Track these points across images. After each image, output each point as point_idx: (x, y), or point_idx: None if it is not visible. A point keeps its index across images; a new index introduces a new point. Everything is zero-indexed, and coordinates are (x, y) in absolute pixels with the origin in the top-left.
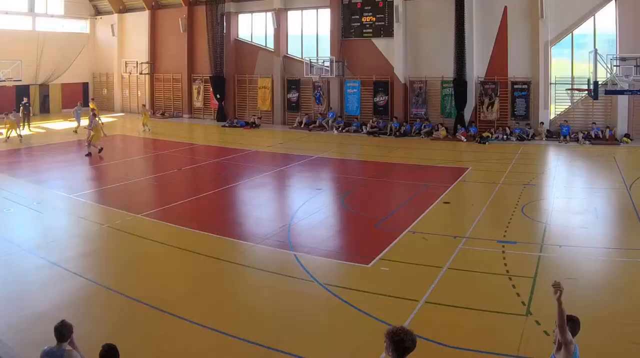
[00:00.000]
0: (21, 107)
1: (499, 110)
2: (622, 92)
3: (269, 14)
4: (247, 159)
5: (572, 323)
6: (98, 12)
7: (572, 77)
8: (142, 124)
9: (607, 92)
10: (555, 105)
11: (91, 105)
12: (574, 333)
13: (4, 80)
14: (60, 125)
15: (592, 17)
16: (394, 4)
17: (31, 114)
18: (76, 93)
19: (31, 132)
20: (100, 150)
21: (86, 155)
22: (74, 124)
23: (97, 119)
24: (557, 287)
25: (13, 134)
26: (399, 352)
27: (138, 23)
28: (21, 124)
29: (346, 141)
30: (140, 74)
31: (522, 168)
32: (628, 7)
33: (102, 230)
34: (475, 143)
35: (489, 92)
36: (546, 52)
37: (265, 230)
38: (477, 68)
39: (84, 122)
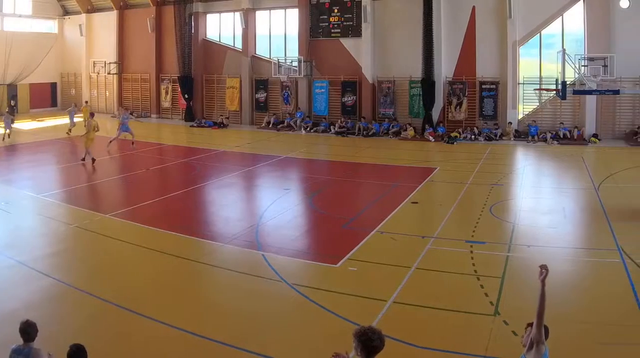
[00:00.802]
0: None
1: (467, 110)
2: (590, 92)
3: (237, 14)
4: (215, 159)
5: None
6: (66, 12)
7: (540, 77)
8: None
9: (575, 92)
10: (524, 105)
11: (84, 110)
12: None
13: None
14: (29, 125)
15: (560, 17)
16: (362, 4)
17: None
18: (44, 93)
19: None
20: (93, 161)
21: (82, 159)
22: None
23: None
24: (544, 267)
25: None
26: (367, 351)
27: (106, 23)
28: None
29: (314, 141)
30: (109, 74)
31: (490, 168)
32: (596, 7)
33: (71, 230)
34: (443, 143)
35: (457, 92)
36: (514, 52)
37: (234, 230)
38: (445, 68)
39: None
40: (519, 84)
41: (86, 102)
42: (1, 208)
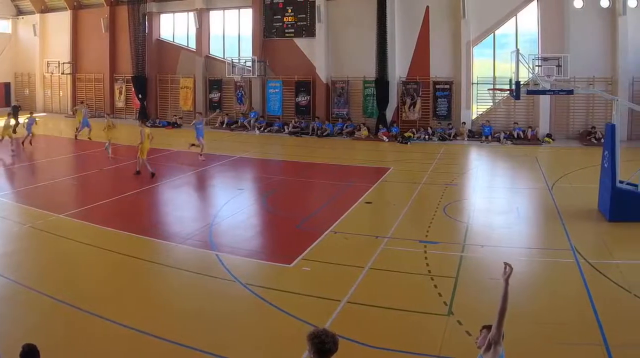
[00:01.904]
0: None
1: (420, 110)
2: (543, 92)
3: (191, 14)
4: (169, 159)
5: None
6: (20, 12)
7: (494, 77)
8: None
9: (529, 92)
10: (477, 105)
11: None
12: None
13: None
14: None
15: (514, 17)
16: (316, 3)
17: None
18: None
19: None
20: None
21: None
22: None
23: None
24: (508, 265)
25: None
26: (320, 353)
27: (60, 23)
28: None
29: (268, 141)
30: (62, 74)
31: (444, 168)
32: (550, 8)
33: (24, 230)
34: (397, 143)
35: (410, 92)
36: (468, 52)
37: (188, 230)
38: (399, 68)
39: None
40: (472, 84)
41: (81, 102)
42: None
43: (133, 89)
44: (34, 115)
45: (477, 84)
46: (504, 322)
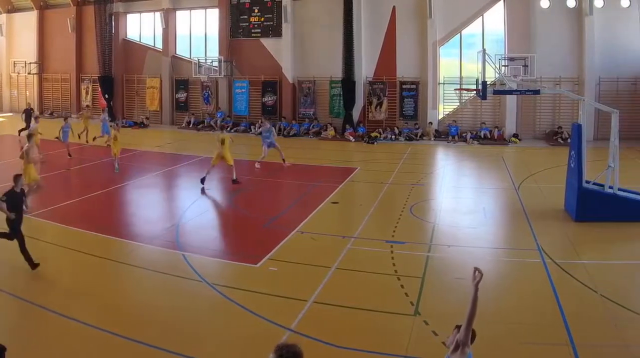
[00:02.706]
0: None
1: (387, 110)
2: (510, 92)
3: (158, 14)
4: (135, 159)
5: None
6: None
7: (461, 77)
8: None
9: (496, 92)
10: (444, 106)
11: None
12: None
13: None
14: None
15: (481, 17)
16: (283, 4)
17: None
18: None
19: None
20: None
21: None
22: None
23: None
24: (478, 271)
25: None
26: None
27: (26, 23)
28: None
29: (235, 141)
30: (29, 74)
31: (411, 168)
32: (516, 7)
33: None
34: (363, 143)
35: (377, 92)
36: (435, 52)
37: (154, 230)
38: (365, 68)
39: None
40: (439, 84)
41: (87, 106)
42: None
43: (99, 89)
44: (68, 120)
45: (444, 84)
46: (473, 325)
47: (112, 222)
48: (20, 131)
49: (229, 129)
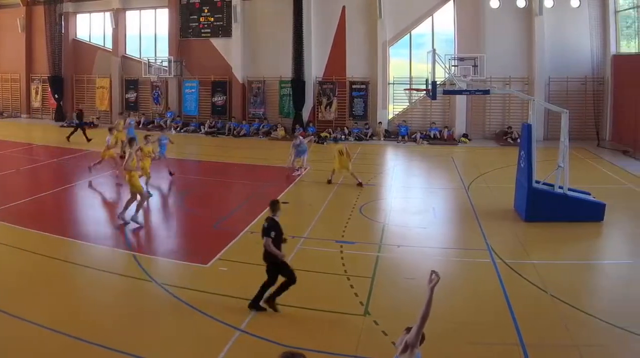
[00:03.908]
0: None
1: (337, 110)
2: (460, 92)
3: (107, 14)
4: (85, 159)
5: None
6: None
7: (411, 77)
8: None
9: (446, 92)
10: (394, 105)
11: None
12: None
13: None
14: None
15: (431, 17)
16: (233, 4)
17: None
18: None
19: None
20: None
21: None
22: None
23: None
24: (435, 274)
25: None
26: None
27: None
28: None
29: (184, 141)
30: None
31: (361, 168)
32: (466, 8)
33: None
34: (313, 143)
35: (327, 92)
36: (384, 52)
37: (104, 230)
38: (315, 68)
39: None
40: (389, 84)
41: (120, 113)
42: None
43: (49, 89)
44: (166, 132)
45: (394, 84)
46: (424, 327)
47: (61, 222)
48: (69, 137)
49: (179, 128)
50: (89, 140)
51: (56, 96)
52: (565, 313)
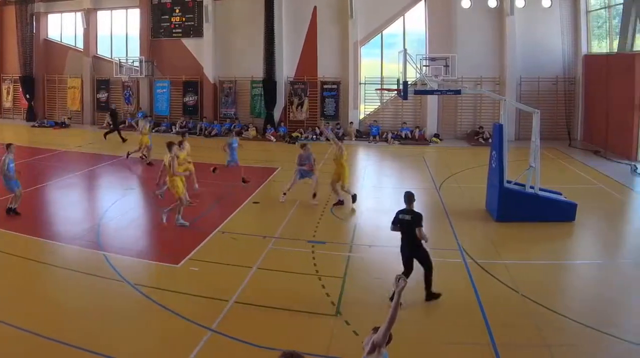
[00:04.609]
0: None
1: (308, 110)
2: (431, 92)
3: (79, 14)
4: (56, 159)
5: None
6: None
7: (382, 77)
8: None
9: (417, 92)
10: (365, 105)
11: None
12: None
13: None
14: None
15: (402, 17)
16: (204, 4)
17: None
18: None
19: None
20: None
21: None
22: None
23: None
24: (403, 279)
25: None
26: None
27: None
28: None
29: (156, 141)
30: None
31: (332, 168)
32: (437, 8)
33: None
34: (285, 143)
35: (298, 92)
36: (356, 52)
37: (75, 230)
38: (286, 68)
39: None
40: (360, 84)
41: (147, 116)
42: None
43: (21, 89)
44: (234, 134)
45: (365, 83)
46: (391, 329)
47: (33, 222)
48: (106, 134)
49: (150, 129)
50: (124, 140)
51: (27, 96)
52: (536, 313)
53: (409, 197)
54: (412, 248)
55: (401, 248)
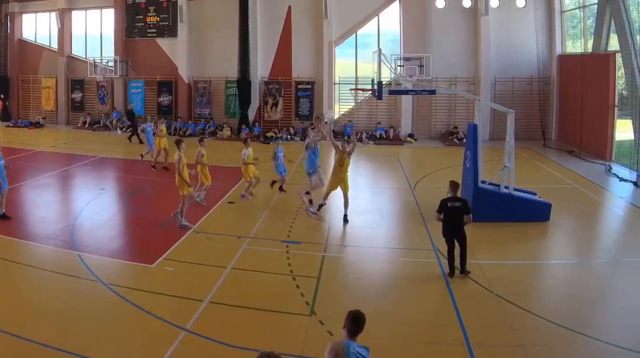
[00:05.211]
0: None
1: (283, 110)
2: (406, 92)
3: (53, 14)
4: (30, 159)
5: (353, 320)
6: None
7: (356, 77)
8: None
9: (391, 92)
10: (340, 106)
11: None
12: (355, 332)
13: None
14: None
15: (376, 17)
16: (178, 4)
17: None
18: None
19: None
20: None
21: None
22: None
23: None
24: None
25: None
26: None
27: None
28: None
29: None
30: None
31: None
32: (412, 7)
33: None
34: (259, 143)
35: (273, 92)
36: (330, 52)
37: (49, 230)
38: (261, 68)
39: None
40: (334, 84)
41: (163, 117)
42: None
43: None
44: (280, 142)
45: (340, 84)
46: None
47: (6, 222)
48: (130, 137)
49: (124, 128)
50: (137, 141)
51: (2, 96)
52: (511, 313)
53: (456, 185)
54: (457, 230)
55: (444, 232)
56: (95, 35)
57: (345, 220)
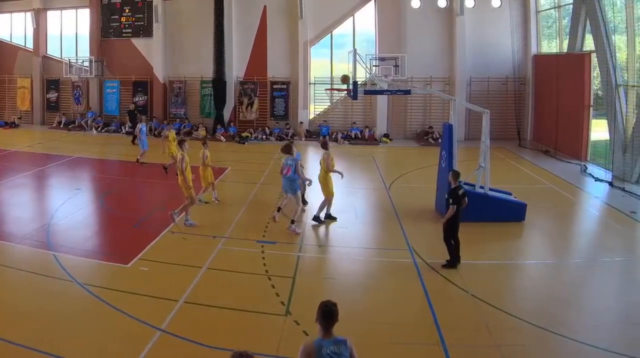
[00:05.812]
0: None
1: (258, 110)
2: (381, 92)
3: (29, 14)
4: (5, 159)
5: (323, 315)
6: None
7: (332, 77)
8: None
9: (367, 92)
10: (315, 105)
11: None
12: (328, 326)
13: None
14: None
15: (352, 17)
16: (154, 4)
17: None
18: None
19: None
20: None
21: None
22: None
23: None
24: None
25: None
26: None
27: None
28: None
29: (105, 141)
30: None
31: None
32: (387, 8)
33: None
34: (234, 143)
35: (248, 92)
36: (305, 52)
37: (24, 230)
38: (236, 68)
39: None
40: (310, 84)
41: (168, 123)
42: None
43: None
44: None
45: (315, 83)
46: None
47: None
48: (133, 140)
49: (100, 128)
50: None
51: None
52: (486, 313)
53: (459, 174)
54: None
55: (457, 225)
56: (71, 35)
57: (317, 220)
